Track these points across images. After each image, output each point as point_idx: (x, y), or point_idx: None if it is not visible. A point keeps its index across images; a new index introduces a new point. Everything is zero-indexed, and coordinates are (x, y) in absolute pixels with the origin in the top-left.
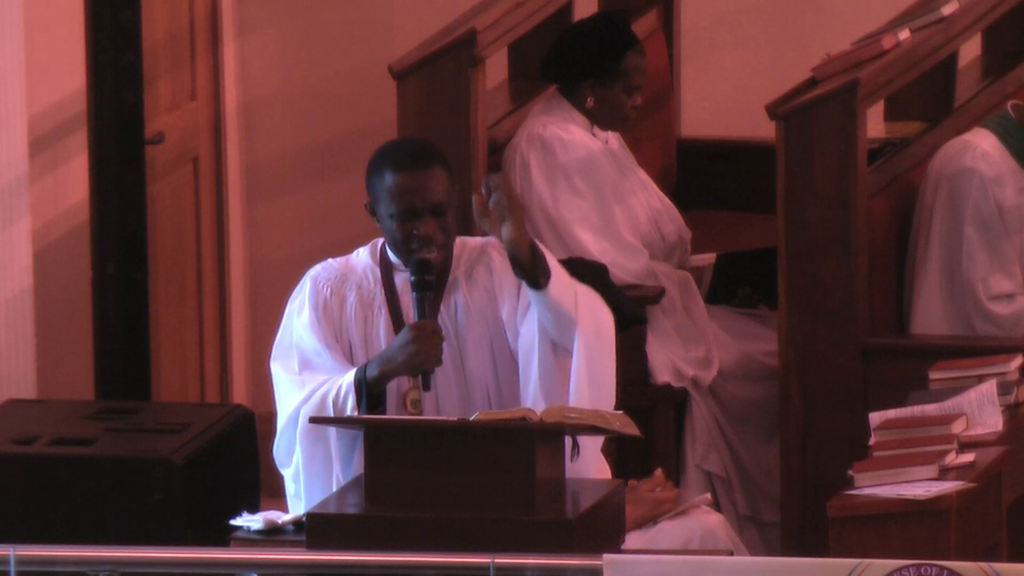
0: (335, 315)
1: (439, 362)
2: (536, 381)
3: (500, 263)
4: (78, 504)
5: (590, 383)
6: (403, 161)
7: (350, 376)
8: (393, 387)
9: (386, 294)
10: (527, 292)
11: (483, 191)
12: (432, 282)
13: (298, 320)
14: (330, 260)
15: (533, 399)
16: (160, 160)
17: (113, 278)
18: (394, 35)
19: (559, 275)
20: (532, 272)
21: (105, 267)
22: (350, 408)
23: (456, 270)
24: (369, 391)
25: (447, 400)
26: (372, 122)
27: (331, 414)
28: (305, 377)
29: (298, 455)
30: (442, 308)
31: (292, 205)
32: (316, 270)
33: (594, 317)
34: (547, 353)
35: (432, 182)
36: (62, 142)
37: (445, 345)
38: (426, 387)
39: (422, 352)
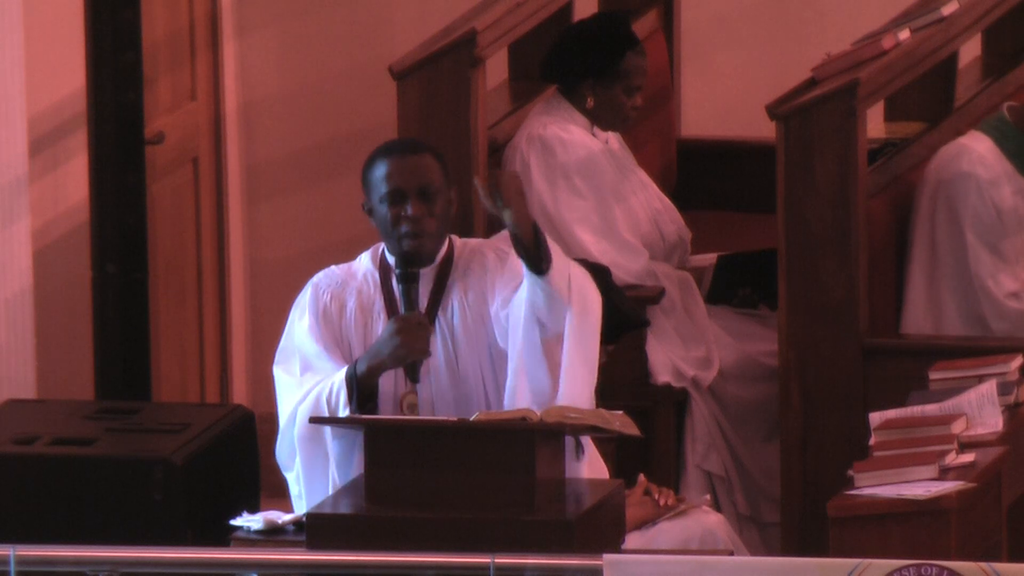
0: (335, 320)
1: (427, 353)
2: (519, 358)
3: (493, 261)
4: (78, 504)
5: (579, 364)
6: (394, 148)
7: (341, 374)
8: (389, 390)
9: (385, 298)
10: (525, 274)
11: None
12: (417, 274)
13: (299, 325)
14: (333, 267)
15: (515, 371)
16: (160, 160)
17: (113, 278)
18: (394, 35)
19: (558, 260)
20: (535, 255)
21: (105, 267)
22: (343, 405)
23: (454, 273)
24: (360, 387)
25: (442, 404)
26: (372, 122)
27: (325, 413)
28: (305, 379)
29: (299, 457)
30: (439, 314)
31: (292, 205)
32: (318, 277)
33: (583, 300)
34: (532, 332)
35: (421, 166)
36: (62, 142)
37: (440, 348)
38: (413, 379)
39: (407, 343)
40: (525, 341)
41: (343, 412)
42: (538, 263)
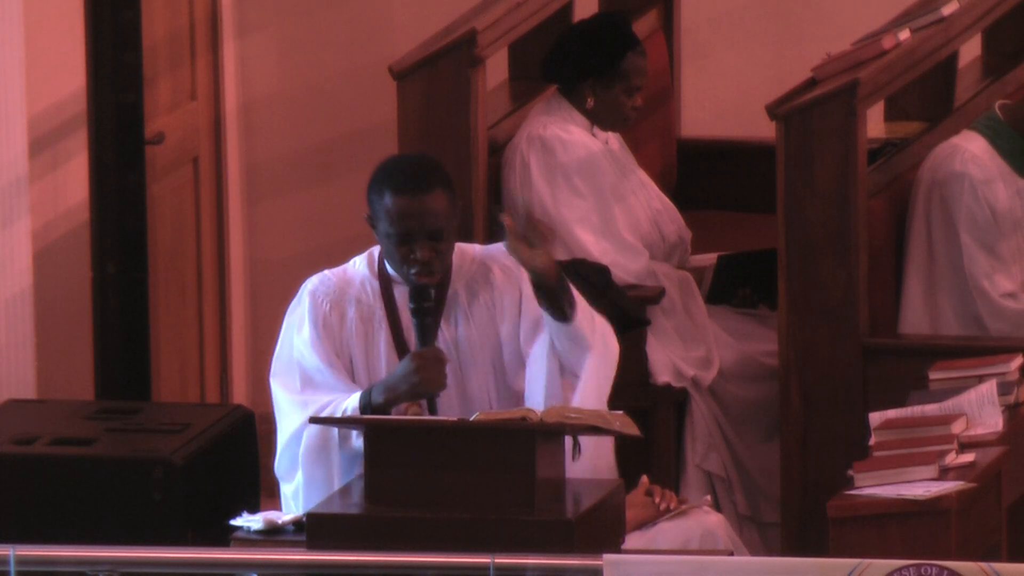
0: (336, 331)
1: (443, 387)
2: (541, 397)
3: (501, 278)
4: (78, 504)
5: (593, 404)
6: (404, 184)
7: (354, 400)
8: None
9: (386, 308)
10: (546, 320)
11: (509, 212)
12: (431, 308)
13: (298, 337)
14: (326, 272)
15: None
16: (160, 160)
17: (113, 278)
18: (394, 35)
19: (581, 304)
20: (560, 304)
21: (105, 267)
22: (354, 433)
23: (456, 283)
24: (374, 415)
25: (448, 415)
26: (372, 122)
27: (335, 436)
28: (307, 396)
29: (300, 475)
30: (443, 323)
31: (292, 205)
32: (314, 284)
33: (604, 345)
34: (554, 374)
35: (432, 205)
36: (62, 142)
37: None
38: (432, 411)
39: (425, 380)
40: (548, 387)
41: (355, 438)
42: (563, 311)
